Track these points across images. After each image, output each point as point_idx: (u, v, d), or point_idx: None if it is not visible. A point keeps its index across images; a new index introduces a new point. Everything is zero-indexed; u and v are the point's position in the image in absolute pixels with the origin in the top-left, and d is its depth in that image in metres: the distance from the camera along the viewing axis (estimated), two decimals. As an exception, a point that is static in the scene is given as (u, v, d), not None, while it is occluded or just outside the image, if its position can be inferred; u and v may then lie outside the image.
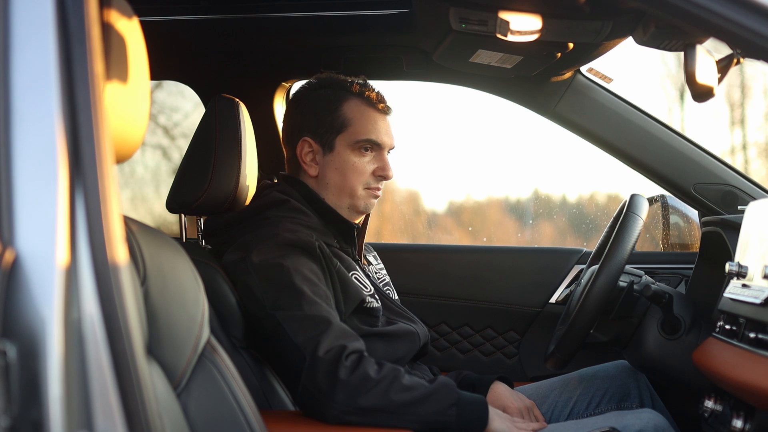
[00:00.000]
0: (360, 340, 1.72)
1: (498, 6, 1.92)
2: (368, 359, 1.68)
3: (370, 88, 2.00)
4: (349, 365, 1.64)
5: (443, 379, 1.78)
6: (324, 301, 1.73)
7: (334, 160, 1.95)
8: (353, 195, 1.96)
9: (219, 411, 1.28)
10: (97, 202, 0.98)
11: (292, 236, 1.79)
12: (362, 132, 1.94)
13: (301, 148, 1.97)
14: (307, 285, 1.73)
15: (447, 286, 2.64)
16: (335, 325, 1.70)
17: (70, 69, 1.00)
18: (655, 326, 1.98)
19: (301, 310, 1.70)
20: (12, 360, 0.92)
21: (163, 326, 1.18)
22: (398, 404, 1.65)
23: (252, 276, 1.75)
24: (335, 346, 1.66)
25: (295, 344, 1.67)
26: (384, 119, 1.99)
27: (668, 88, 5.74)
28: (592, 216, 4.28)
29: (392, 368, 1.70)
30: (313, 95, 2.00)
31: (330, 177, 1.96)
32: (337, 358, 1.64)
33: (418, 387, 1.69)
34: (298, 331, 1.68)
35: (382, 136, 1.97)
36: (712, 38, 1.46)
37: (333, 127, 1.95)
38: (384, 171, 1.97)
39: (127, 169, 4.71)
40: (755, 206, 1.76)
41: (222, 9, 2.33)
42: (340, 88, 1.98)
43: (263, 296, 1.73)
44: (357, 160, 1.95)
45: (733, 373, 1.55)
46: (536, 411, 2.02)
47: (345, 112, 1.95)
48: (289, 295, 1.71)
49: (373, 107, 1.98)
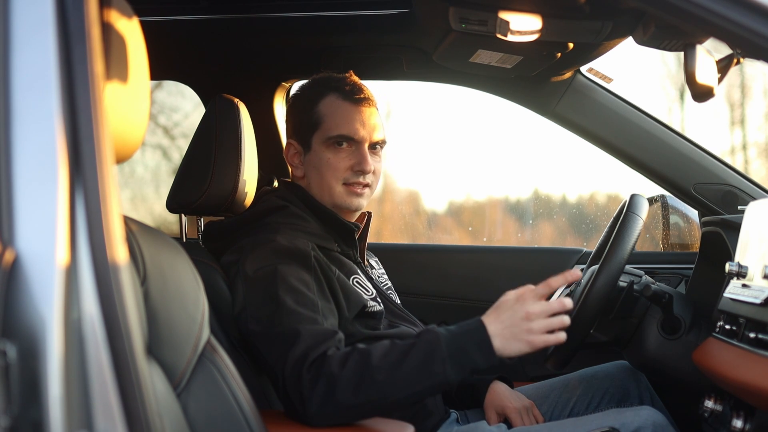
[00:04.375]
0: (333, 335, 1.65)
1: (498, 6, 1.92)
2: (329, 359, 1.58)
3: (348, 81, 1.94)
4: (311, 377, 1.57)
5: (423, 333, 1.60)
6: (306, 308, 1.68)
7: (312, 159, 1.93)
8: (332, 193, 1.91)
9: (219, 411, 1.28)
10: (97, 202, 0.98)
11: (287, 243, 1.78)
12: (334, 127, 1.90)
13: (287, 150, 1.97)
14: (291, 295, 1.69)
15: (447, 286, 2.64)
16: (303, 334, 1.62)
17: (70, 69, 1.00)
18: (655, 326, 1.97)
19: (276, 326, 1.66)
20: (12, 360, 0.92)
21: (163, 326, 1.18)
22: (377, 390, 1.54)
23: (241, 280, 1.75)
24: (298, 358, 1.59)
25: (269, 364, 1.66)
26: (360, 111, 1.91)
27: (668, 88, 5.74)
28: (592, 216, 4.29)
29: (359, 355, 1.57)
30: (297, 96, 1.99)
31: (311, 176, 1.93)
32: (298, 374, 1.58)
33: (393, 362, 1.55)
34: (270, 349, 1.65)
35: (355, 130, 1.90)
36: (712, 38, 1.46)
37: (309, 126, 1.92)
38: (360, 165, 1.89)
39: (127, 169, 4.71)
40: (755, 206, 1.76)
41: (222, 9, 2.33)
42: (321, 86, 1.95)
43: (246, 304, 1.72)
44: (331, 156, 1.90)
45: (733, 373, 1.55)
46: (535, 411, 2.02)
47: (320, 109, 1.92)
48: (269, 307, 1.68)
49: (349, 100, 1.91)
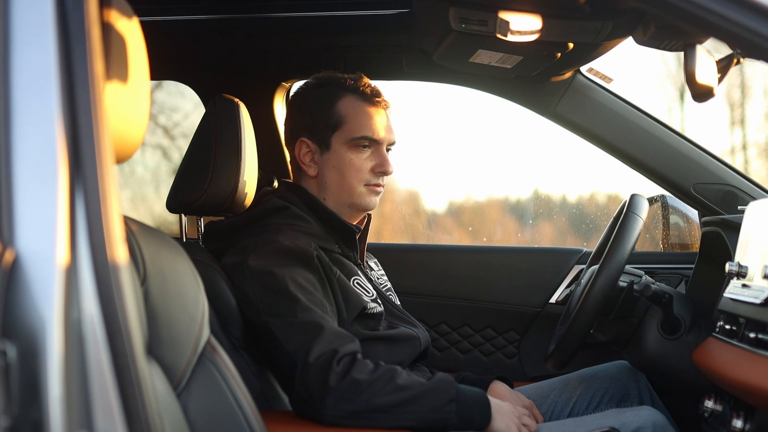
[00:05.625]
0: (355, 341, 1.71)
1: (498, 6, 1.92)
2: (361, 362, 1.66)
3: (365, 83, 1.96)
4: (340, 370, 1.62)
5: (441, 375, 1.75)
6: (319, 308, 1.72)
7: (331, 159, 1.93)
8: (353, 193, 1.93)
9: (219, 411, 1.28)
10: (97, 202, 0.98)
11: (290, 244, 1.78)
12: (358, 129, 1.92)
13: (299, 148, 1.97)
14: (302, 293, 1.71)
15: (447, 286, 2.64)
16: (327, 330, 1.67)
17: (70, 69, 1.00)
18: (655, 326, 1.97)
19: (294, 317, 1.68)
20: (12, 360, 0.92)
21: (163, 326, 1.18)
22: (393, 404, 1.63)
23: (248, 281, 1.75)
24: (326, 351, 1.64)
25: (287, 351, 1.67)
26: (380, 114, 1.96)
27: (668, 88, 5.74)
28: (592, 216, 4.28)
29: (388, 369, 1.68)
30: (309, 95, 1.98)
31: (328, 176, 1.94)
32: (327, 363, 1.62)
33: (414, 386, 1.67)
34: (290, 337, 1.67)
35: (378, 132, 1.93)
36: (712, 38, 1.46)
37: (328, 126, 1.93)
38: (383, 167, 1.94)
39: (127, 169, 4.71)
40: (755, 206, 1.76)
41: (222, 9, 2.33)
42: (334, 86, 1.96)
43: (258, 302, 1.73)
44: (354, 157, 1.92)
45: (733, 373, 1.55)
46: (535, 411, 2.02)
47: (340, 110, 1.93)
48: (283, 302, 1.70)
49: (369, 102, 1.94)
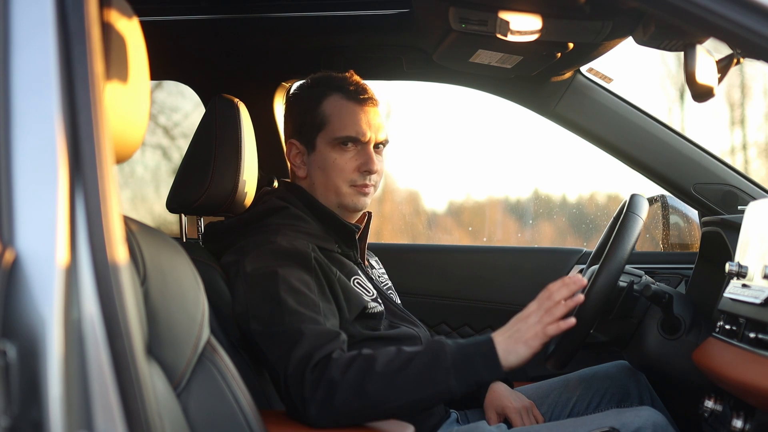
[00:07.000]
0: (338, 338, 1.65)
1: (498, 6, 1.92)
2: (334, 361, 1.58)
3: (353, 81, 1.93)
4: (314, 378, 1.57)
5: (430, 342, 1.60)
6: (309, 309, 1.68)
7: (316, 159, 1.92)
8: (338, 193, 1.91)
9: (219, 411, 1.28)
10: (97, 202, 0.98)
11: (288, 245, 1.78)
12: (340, 128, 1.89)
13: (289, 150, 1.96)
14: (292, 295, 1.69)
15: (447, 286, 2.64)
16: (307, 334, 1.62)
17: (70, 69, 1.00)
18: (655, 326, 1.97)
19: (276, 325, 1.66)
20: (12, 360, 0.92)
21: (163, 326, 1.18)
22: (379, 396, 1.54)
23: (241, 281, 1.74)
24: (302, 358, 1.59)
25: (271, 362, 1.65)
26: (365, 111, 1.91)
27: (668, 88, 5.74)
28: (592, 216, 4.28)
29: (363, 360, 1.57)
30: (299, 96, 1.98)
31: (315, 177, 1.93)
32: (302, 374, 1.58)
33: (396, 368, 1.55)
34: (272, 348, 1.65)
35: (362, 130, 1.90)
36: (712, 38, 1.46)
37: (314, 126, 1.91)
38: (367, 166, 1.90)
39: (127, 169, 4.71)
40: (755, 206, 1.76)
41: (222, 9, 2.33)
42: (323, 86, 1.94)
43: (247, 304, 1.72)
44: (338, 156, 1.90)
45: (733, 373, 1.55)
46: (535, 411, 2.02)
47: (324, 109, 1.91)
48: (270, 306, 1.68)
49: (354, 100, 1.91)
